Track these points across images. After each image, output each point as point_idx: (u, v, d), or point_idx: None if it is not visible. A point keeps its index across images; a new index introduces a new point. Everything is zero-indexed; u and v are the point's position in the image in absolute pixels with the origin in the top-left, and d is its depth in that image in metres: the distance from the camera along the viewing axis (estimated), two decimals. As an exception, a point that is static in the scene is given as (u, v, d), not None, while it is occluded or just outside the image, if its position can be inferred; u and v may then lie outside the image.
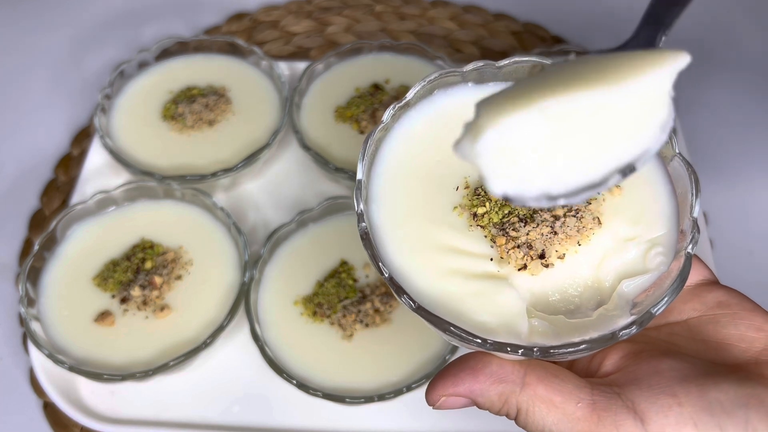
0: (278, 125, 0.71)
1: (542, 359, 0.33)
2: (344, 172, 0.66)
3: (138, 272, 0.61)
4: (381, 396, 0.55)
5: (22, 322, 0.58)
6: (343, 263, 0.62)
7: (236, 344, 0.61)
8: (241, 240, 0.62)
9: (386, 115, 0.38)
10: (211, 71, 0.77)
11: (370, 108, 0.71)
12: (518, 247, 0.34)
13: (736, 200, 0.74)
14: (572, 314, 0.34)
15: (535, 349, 0.31)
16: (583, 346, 0.31)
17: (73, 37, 0.90)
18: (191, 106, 0.72)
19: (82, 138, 0.79)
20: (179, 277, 0.62)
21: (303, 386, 0.55)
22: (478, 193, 0.36)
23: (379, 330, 0.59)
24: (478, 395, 0.34)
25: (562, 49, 0.78)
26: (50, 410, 0.61)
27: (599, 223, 0.35)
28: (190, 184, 0.66)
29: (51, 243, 0.62)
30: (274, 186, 0.73)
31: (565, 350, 0.31)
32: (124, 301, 0.60)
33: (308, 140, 0.70)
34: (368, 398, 0.55)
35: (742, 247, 0.70)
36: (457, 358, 0.35)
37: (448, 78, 0.39)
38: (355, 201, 0.35)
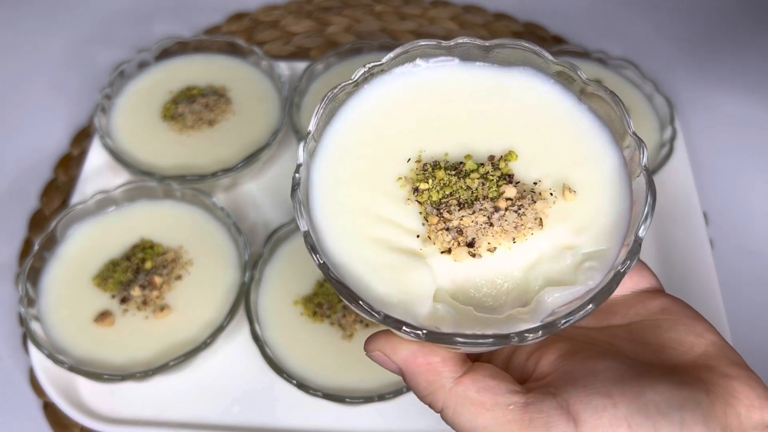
0: (278, 125, 0.71)
1: (430, 343, 0.32)
2: (344, 172, 0.66)
3: (138, 272, 0.61)
4: (381, 396, 0.55)
5: (22, 322, 0.58)
6: (343, 263, 0.62)
7: (236, 344, 0.61)
8: (241, 240, 0.62)
9: (357, 74, 0.37)
10: (211, 71, 0.77)
11: (370, 108, 0.71)
12: (447, 230, 0.33)
13: (736, 200, 0.74)
14: (487, 311, 0.33)
15: (423, 332, 0.30)
16: (478, 340, 0.30)
17: (73, 37, 0.90)
18: (191, 106, 0.72)
19: (82, 138, 0.79)
20: (179, 277, 0.62)
21: (303, 386, 0.55)
22: (425, 168, 0.35)
23: (378, 330, 0.59)
24: (408, 373, 0.34)
25: (562, 49, 0.78)
26: (50, 410, 0.61)
27: (541, 224, 0.34)
28: (190, 184, 0.66)
29: (51, 243, 0.62)
30: (274, 186, 0.73)
31: (456, 339, 0.30)
32: (124, 301, 0.60)
33: (308, 140, 0.70)
34: (368, 398, 0.55)
35: (742, 247, 0.70)
36: (393, 335, 0.35)
37: (432, 49, 0.38)
38: (299, 151, 0.34)
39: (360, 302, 0.30)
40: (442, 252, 0.33)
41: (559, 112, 0.37)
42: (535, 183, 0.35)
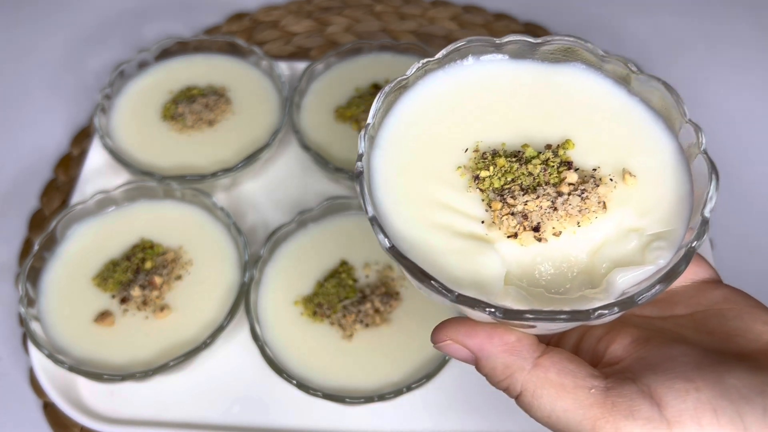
0: (278, 125, 0.71)
1: (506, 322, 0.32)
2: (344, 172, 0.66)
3: (138, 272, 0.61)
4: (381, 396, 0.55)
5: (22, 322, 0.58)
6: (343, 263, 0.62)
7: (236, 344, 0.61)
8: (241, 240, 0.62)
9: (411, 70, 0.38)
10: (211, 71, 0.77)
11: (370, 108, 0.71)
12: (512, 214, 0.34)
13: (736, 200, 0.74)
14: (556, 294, 0.33)
15: (501, 309, 0.30)
16: (556, 316, 0.30)
17: (73, 38, 0.90)
18: (191, 106, 0.72)
19: (82, 138, 0.79)
20: (179, 277, 0.62)
21: (303, 386, 0.55)
22: (485, 157, 0.36)
23: (379, 330, 0.59)
24: (485, 356, 0.33)
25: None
26: (50, 410, 0.61)
27: (604, 207, 0.34)
28: (190, 184, 0.66)
29: (51, 243, 0.62)
30: (274, 186, 0.73)
31: (533, 317, 0.30)
32: (124, 301, 0.60)
33: (308, 140, 0.70)
34: (368, 398, 0.55)
35: (742, 247, 0.70)
36: (464, 319, 0.35)
37: (482, 46, 0.39)
38: (359, 141, 0.35)
39: (432, 282, 0.31)
40: (508, 237, 0.34)
41: (611, 103, 0.38)
42: (594, 169, 0.36)
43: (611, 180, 0.35)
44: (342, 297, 0.60)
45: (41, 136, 0.80)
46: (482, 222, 0.35)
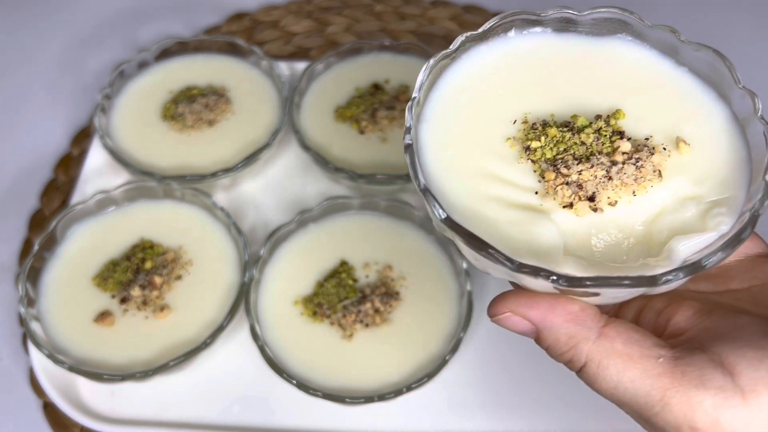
0: (278, 125, 0.71)
1: (570, 290, 0.31)
2: (344, 172, 0.66)
3: (138, 272, 0.61)
4: (381, 396, 0.55)
5: (22, 322, 0.58)
6: (343, 263, 0.62)
7: (236, 344, 0.61)
8: (241, 240, 0.62)
9: (455, 43, 0.38)
10: (211, 71, 0.77)
11: (370, 108, 0.71)
12: (567, 184, 0.33)
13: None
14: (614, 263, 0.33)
15: (565, 277, 0.29)
16: (623, 282, 0.29)
17: (73, 37, 0.90)
18: (191, 106, 0.72)
19: (82, 138, 0.79)
20: (179, 277, 0.62)
21: (303, 386, 0.55)
22: (535, 127, 0.36)
23: (379, 330, 0.59)
24: (547, 327, 0.32)
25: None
26: (50, 410, 0.61)
27: (660, 176, 0.34)
28: (190, 184, 0.66)
29: (51, 243, 0.62)
30: (274, 186, 0.73)
31: (600, 283, 0.29)
32: (124, 301, 0.60)
33: (308, 140, 0.70)
34: (368, 398, 0.55)
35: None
36: (530, 291, 0.34)
37: (525, 20, 0.39)
38: (406, 115, 0.35)
39: (492, 251, 0.30)
40: (563, 207, 0.33)
41: (660, 73, 0.38)
42: (646, 139, 0.36)
43: (664, 149, 0.35)
44: (342, 297, 0.60)
45: (41, 136, 0.80)
46: (536, 193, 0.34)
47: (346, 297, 0.60)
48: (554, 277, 0.29)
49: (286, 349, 0.58)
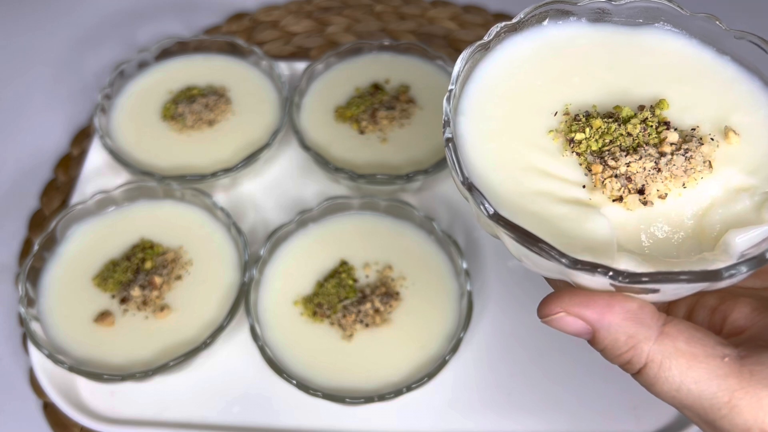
0: (278, 125, 0.71)
1: (628, 287, 0.30)
2: (344, 172, 0.66)
3: (138, 272, 0.61)
4: (381, 396, 0.55)
5: (22, 322, 0.58)
6: (343, 263, 0.62)
7: (236, 344, 0.61)
8: (241, 240, 0.62)
9: (489, 34, 0.37)
10: (211, 71, 0.77)
11: (370, 108, 0.71)
12: (616, 177, 0.32)
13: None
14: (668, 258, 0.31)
15: (625, 274, 0.28)
16: (686, 277, 0.27)
17: (73, 37, 0.90)
18: (191, 106, 0.72)
19: (82, 138, 0.79)
20: (179, 277, 0.62)
21: (303, 386, 0.55)
22: (578, 119, 0.35)
23: (379, 330, 0.59)
24: (605, 326, 0.30)
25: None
26: (50, 410, 0.61)
27: (710, 167, 0.33)
28: (190, 184, 0.66)
29: (51, 243, 0.62)
30: (274, 186, 0.73)
31: (660, 279, 0.28)
32: (123, 301, 0.60)
33: (308, 140, 0.70)
34: (368, 398, 0.55)
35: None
36: (576, 289, 0.32)
37: (559, 11, 0.39)
38: (443, 109, 0.34)
39: (545, 247, 0.29)
40: (613, 200, 0.32)
41: (702, 62, 0.37)
42: (692, 129, 0.34)
43: (712, 139, 0.34)
44: (342, 297, 0.60)
45: (41, 137, 0.80)
46: (583, 186, 0.33)
47: (346, 297, 0.60)
48: (612, 273, 0.28)
49: (286, 349, 0.58)
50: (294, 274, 0.62)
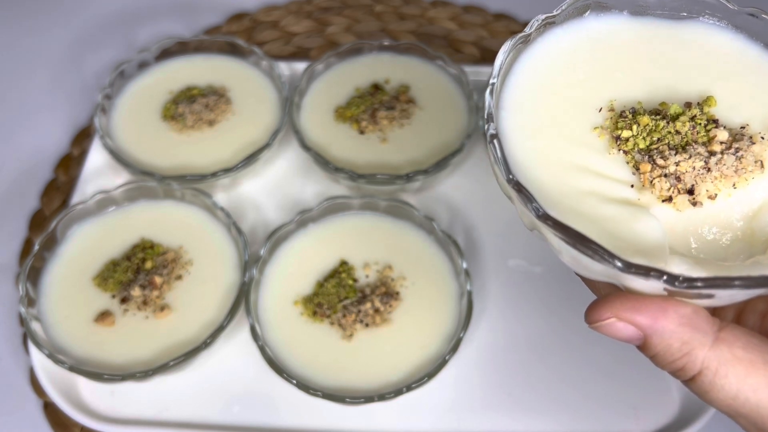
0: (278, 125, 0.71)
1: (682, 292, 0.28)
2: (344, 172, 0.66)
3: (138, 272, 0.61)
4: (381, 396, 0.55)
5: (22, 322, 0.58)
6: (343, 263, 0.62)
7: (236, 344, 0.61)
8: (241, 240, 0.62)
9: (530, 26, 0.36)
10: (211, 71, 0.77)
11: (370, 108, 0.71)
12: (665, 176, 0.31)
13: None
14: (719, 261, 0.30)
15: (681, 278, 0.27)
16: (739, 282, 0.26)
17: (73, 37, 0.90)
18: (191, 106, 0.72)
19: (82, 138, 0.79)
20: (179, 277, 0.62)
21: (303, 386, 0.55)
22: (624, 116, 0.34)
23: (379, 330, 0.59)
24: (658, 332, 0.29)
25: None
26: (50, 410, 0.61)
27: (762, 167, 0.31)
28: (190, 184, 0.66)
29: (51, 243, 0.62)
30: (274, 186, 0.73)
31: (718, 284, 0.27)
32: (124, 301, 0.60)
33: (308, 140, 0.70)
34: (368, 398, 0.55)
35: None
36: (627, 294, 0.31)
37: (600, 3, 0.37)
38: (486, 103, 0.33)
39: (597, 248, 0.28)
40: (662, 201, 0.31)
41: (749, 57, 0.36)
42: (742, 127, 0.33)
43: (763, 138, 0.32)
44: (342, 297, 0.60)
45: (41, 137, 0.80)
46: (632, 186, 0.32)
47: (346, 297, 0.60)
48: (667, 278, 0.27)
49: (286, 349, 0.58)
50: (294, 274, 0.62)
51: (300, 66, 0.78)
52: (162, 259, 0.62)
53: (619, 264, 0.27)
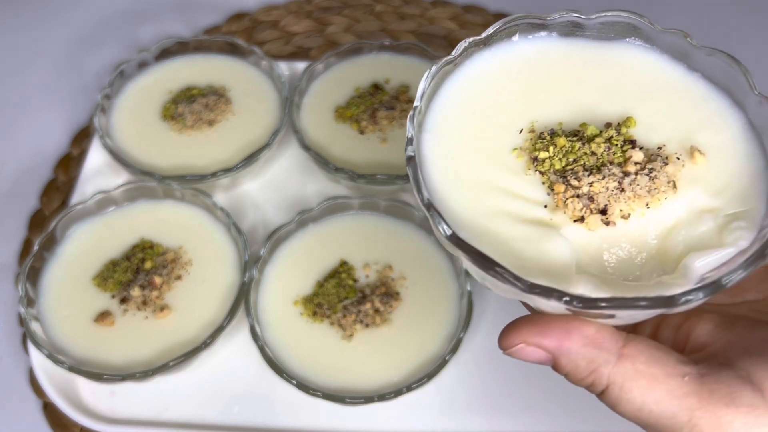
0: (278, 125, 0.71)
1: (584, 312, 0.30)
2: (344, 172, 0.66)
3: (138, 272, 0.61)
4: (381, 396, 0.55)
5: (22, 322, 0.58)
6: (343, 263, 0.62)
7: (236, 344, 0.61)
8: (241, 240, 0.62)
9: (457, 50, 0.36)
10: (211, 71, 0.77)
11: (370, 108, 0.71)
12: (578, 197, 0.32)
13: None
14: (628, 280, 0.31)
15: (580, 299, 0.28)
16: (640, 303, 0.27)
17: (73, 37, 0.90)
18: (191, 106, 0.72)
19: (82, 138, 0.79)
20: (179, 277, 0.62)
21: (303, 386, 0.55)
22: (542, 137, 0.34)
23: (379, 330, 0.59)
24: (563, 354, 0.31)
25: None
26: (50, 410, 0.61)
27: (674, 187, 0.32)
28: (190, 184, 0.66)
29: (51, 243, 0.62)
30: (274, 186, 0.73)
31: (615, 305, 0.28)
32: (123, 301, 0.60)
33: (308, 140, 0.70)
34: (368, 398, 0.55)
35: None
36: (540, 315, 0.32)
37: (529, 25, 0.38)
38: (408, 126, 0.34)
39: (500, 270, 0.28)
40: (574, 221, 0.32)
41: (671, 78, 0.37)
42: (659, 148, 0.34)
43: (678, 158, 0.33)
44: (342, 297, 0.60)
45: (41, 136, 0.80)
46: (545, 206, 0.33)
47: (346, 297, 0.60)
48: (567, 299, 0.28)
49: (286, 349, 0.58)
50: (294, 274, 0.62)
51: (300, 66, 0.78)
52: (162, 259, 0.62)
53: (521, 285, 0.28)
